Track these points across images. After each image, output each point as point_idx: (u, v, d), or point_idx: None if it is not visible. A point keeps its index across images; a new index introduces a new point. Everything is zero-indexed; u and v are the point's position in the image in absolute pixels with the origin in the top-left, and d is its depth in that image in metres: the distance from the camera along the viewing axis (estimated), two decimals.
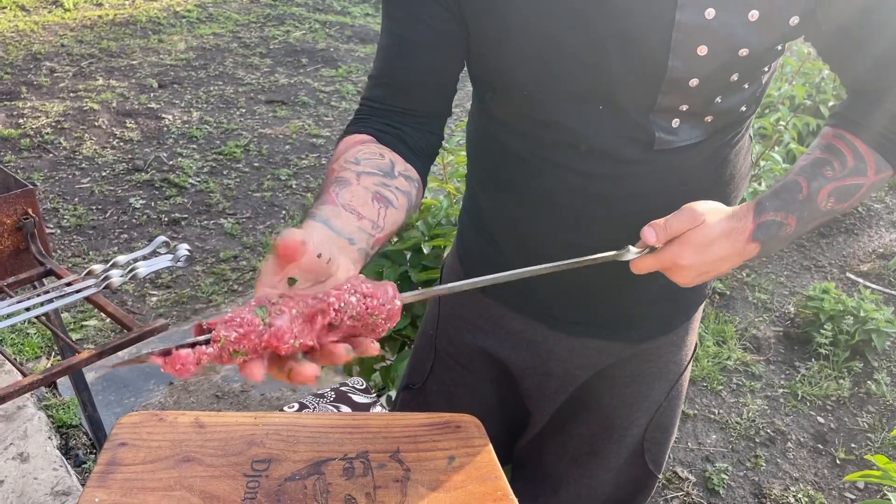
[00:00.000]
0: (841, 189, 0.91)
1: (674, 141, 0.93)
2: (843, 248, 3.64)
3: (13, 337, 2.71)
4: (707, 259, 0.87)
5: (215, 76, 5.47)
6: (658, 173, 0.95)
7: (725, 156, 1.01)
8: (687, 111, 0.91)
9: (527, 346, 1.18)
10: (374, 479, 0.90)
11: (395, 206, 0.87)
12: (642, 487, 1.33)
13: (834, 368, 2.76)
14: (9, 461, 2.07)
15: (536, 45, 0.90)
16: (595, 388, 1.20)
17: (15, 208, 1.57)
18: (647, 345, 1.16)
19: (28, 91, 4.92)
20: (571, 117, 0.93)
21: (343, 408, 1.12)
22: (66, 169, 4.03)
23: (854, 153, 0.91)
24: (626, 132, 0.92)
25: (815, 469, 2.34)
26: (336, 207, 0.80)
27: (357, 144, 0.93)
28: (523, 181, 1.03)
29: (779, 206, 0.90)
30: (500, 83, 0.97)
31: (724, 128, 0.97)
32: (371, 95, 0.99)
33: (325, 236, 0.74)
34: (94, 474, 0.89)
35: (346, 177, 0.86)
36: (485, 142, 1.08)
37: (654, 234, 0.87)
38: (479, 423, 1.00)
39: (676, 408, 1.27)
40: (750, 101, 0.96)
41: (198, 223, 3.61)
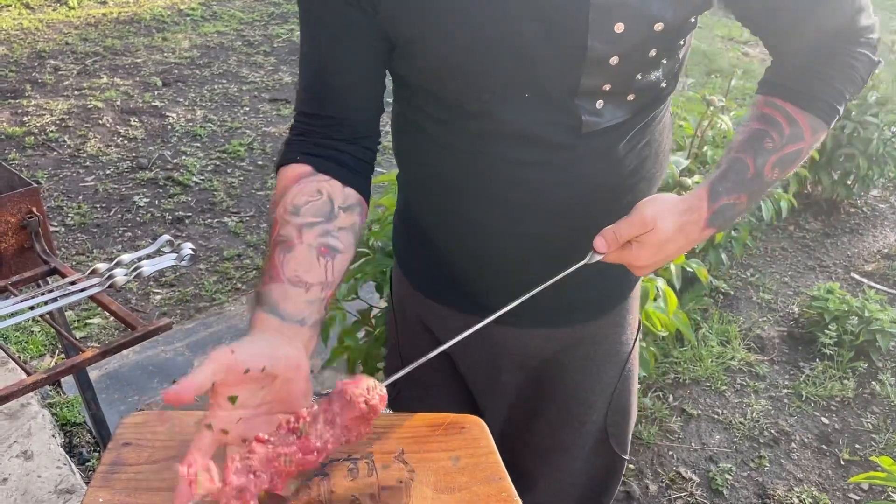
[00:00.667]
0: (783, 158, 0.94)
1: (600, 122, 0.94)
2: (847, 248, 3.63)
3: (17, 335, 2.71)
4: (664, 254, 0.92)
5: (219, 74, 5.47)
6: (588, 156, 0.97)
7: (650, 134, 1.02)
8: (610, 91, 0.92)
9: (477, 344, 1.18)
10: (378, 479, 0.89)
11: (341, 251, 0.91)
12: (612, 472, 1.35)
13: (838, 369, 2.75)
14: (13, 459, 2.07)
15: (459, 37, 0.90)
16: (549, 380, 1.22)
17: (19, 207, 1.57)
18: (590, 327, 1.18)
19: (32, 89, 4.93)
20: (499, 106, 0.93)
21: None
22: (70, 167, 4.03)
23: (788, 119, 0.94)
24: (554, 117, 0.93)
25: (820, 470, 2.34)
26: (283, 286, 0.85)
27: (294, 182, 0.94)
28: (455, 175, 1.03)
29: (730, 188, 0.93)
30: (425, 79, 0.97)
31: (645, 106, 0.98)
32: (303, 109, 0.99)
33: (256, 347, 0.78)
34: (98, 474, 0.89)
35: (288, 235, 0.89)
36: (411, 138, 1.08)
37: (604, 244, 0.91)
38: (483, 424, 1.00)
39: (632, 388, 1.29)
40: (668, 76, 0.97)
41: (201, 221, 3.61)
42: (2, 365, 2.44)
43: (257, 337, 0.81)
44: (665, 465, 2.32)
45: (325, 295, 0.87)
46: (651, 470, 2.30)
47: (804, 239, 3.68)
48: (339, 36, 0.94)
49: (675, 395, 2.62)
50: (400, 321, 1.30)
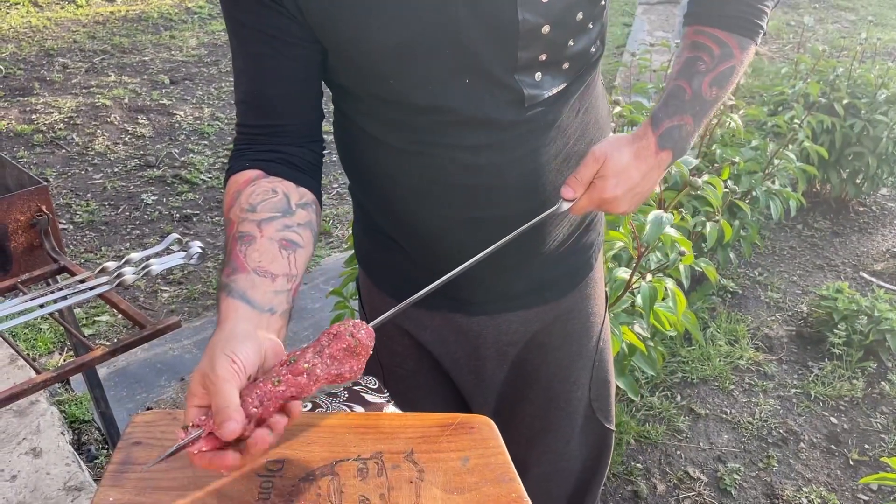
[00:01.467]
0: (718, 76, 1.01)
1: (540, 94, 0.98)
2: (856, 248, 3.61)
3: (26, 332, 2.72)
4: (630, 182, 0.97)
5: (226, 72, 5.48)
6: (536, 129, 1.00)
7: (588, 100, 1.07)
8: (546, 61, 0.96)
9: (455, 339, 1.21)
10: (388, 479, 0.89)
11: (301, 245, 0.90)
12: (604, 446, 1.39)
13: (847, 368, 2.74)
14: (22, 456, 2.08)
15: (394, 33, 0.90)
16: (530, 363, 1.24)
17: (29, 205, 1.58)
18: (562, 303, 1.20)
19: (41, 87, 4.94)
20: (443, 96, 0.95)
21: (356, 407, 1.11)
22: (78, 165, 4.05)
23: (716, 41, 1.01)
24: (497, 96, 0.96)
25: (828, 470, 2.33)
26: (249, 275, 0.84)
27: (247, 184, 0.93)
28: (410, 172, 1.04)
29: (671, 112, 1.00)
30: (363, 80, 0.97)
31: (580, 72, 1.02)
32: (244, 121, 0.99)
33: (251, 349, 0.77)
34: (108, 473, 0.89)
35: (247, 230, 0.88)
36: (357, 144, 1.08)
37: (570, 190, 0.97)
38: (493, 424, 1.00)
39: (608, 359, 1.34)
40: (597, 41, 1.02)
41: (209, 219, 3.62)
42: (11, 362, 2.45)
43: (238, 330, 0.80)
44: (673, 464, 2.32)
45: (290, 286, 0.87)
46: (659, 469, 2.29)
47: (813, 238, 3.67)
48: (270, 44, 0.93)
49: (683, 394, 2.61)
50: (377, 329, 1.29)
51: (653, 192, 1.03)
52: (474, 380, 1.25)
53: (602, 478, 1.43)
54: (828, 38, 4.98)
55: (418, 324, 1.21)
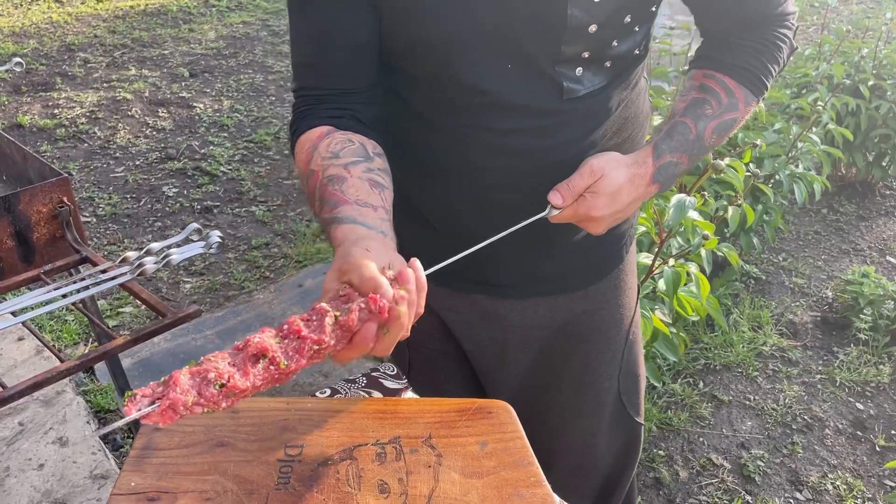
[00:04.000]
0: (721, 125, 1.02)
1: (579, 89, 0.98)
2: (882, 231, 3.55)
3: (52, 323, 2.76)
4: (617, 206, 0.97)
5: (245, 64, 5.50)
6: (572, 122, 1.01)
7: (627, 98, 1.07)
8: (588, 58, 0.96)
9: (480, 321, 1.21)
10: (406, 464, 0.89)
11: (387, 187, 0.92)
12: (633, 439, 1.37)
13: (874, 354, 2.70)
14: (49, 445, 2.11)
15: (445, 8, 0.92)
16: (558, 353, 1.23)
17: (51, 197, 1.59)
18: (590, 293, 1.20)
19: (63, 82, 4.99)
20: (484, 78, 0.96)
21: (375, 393, 1.12)
22: (100, 158, 4.09)
23: (726, 90, 1.02)
24: (537, 85, 0.97)
25: (854, 456, 2.30)
26: (352, 206, 0.85)
27: (321, 139, 0.94)
28: (445, 151, 1.05)
29: (674, 147, 0.99)
30: (411, 52, 0.98)
31: (621, 72, 1.03)
32: (304, 84, 1.00)
33: (371, 239, 0.78)
34: (130, 458, 0.90)
35: (336, 173, 0.89)
36: (400, 118, 1.09)
37: (559, 197, 0.96)
38: (511, 408, 0.99)
39: (638, 352, 1.32)
40: (641, 44, 1.02)
41: (230, 211, 3.64)
42: (37, 353, 2.49)
43: (362, 234, 0.80)
44: (696, 451, 2.30)
45: (390, 219, 0.88)
46: (682, 456, 2.28)
47: (838, 222, 3.61)
48: (337, 5, 0.95)
49: (706, 381, 2.59)
50: None
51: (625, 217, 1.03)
52: (496, 363, 1.25)
53: (631, 471, 1.42)
54: (852, 19, 4.89)
55: (445, 305, 1.21)
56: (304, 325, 0.70)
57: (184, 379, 0.66)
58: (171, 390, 0.65)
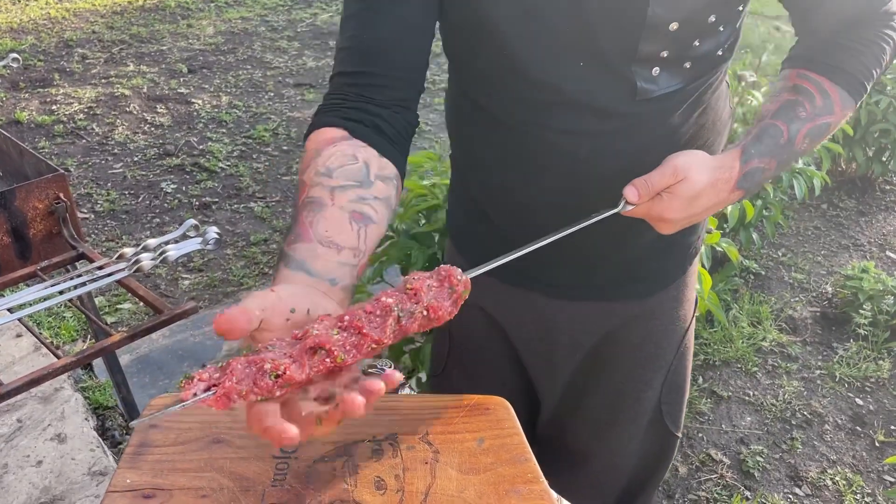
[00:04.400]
0: (814, 129, 0.94)
1: (654, 90, 0.93)
2: (882, 227, 3.54)
3: (50, 320, 2.76)
4: (694, 210, 0.90)
5: (244, 60, 5.49)
6: (643, 125, 0.95)
7: (706, 102, 1.01)
8: (666, 58, 0.91)
9: (532, 319, 1.18)
10: (403, 460, 0.89)
11: (374, 220, 0.82)
12: (666, 450, 1.34)
13: (873, 349, 2.70)
14: (47, 442, 2.11)
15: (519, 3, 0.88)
16: (605, 356, 1.20)
17: (47, 193, 1.59)
18: (647, 302, 1.16)
19: (61, 78, 4.98)
20: (554, 74, 0.92)
21: None
22: (98, 154, 4.08)
23: (820, 91, 0.93)
24: (608, 84, 0.92)
25: (854, 451, 2.30)
26: (312, 245, 0.76)
27: (328, 145, 0.87)
28: (510, 147, 1.02)
29: (763, 151, 0.92)
30: (477, 44, 0.95)
31: (701, 74, 0.97)
32: (342, 69, 0.94)
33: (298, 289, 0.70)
34: (126, 456, 0.89)
35: (318, 196, 0.81)
36: (466, 114, 1.06)
37: (635, 193, 0.88)
38: (509, 405, 0.99)
39: (687, 365, 1.27)
40: (726, 45, 0.96)
41: (228, 207, 3.63)
42: (35, 350, 2.48)
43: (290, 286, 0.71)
44: (695, 447, 2.30)
45: (357, 262, 0.79)
46: (681, 452, 2.28)
47: (838, 217, 3.61)
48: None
49: (705, 376, 2.59)
50: None
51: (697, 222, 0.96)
52: (544, 364, 1.22)
53: (658, 481, 1.39)
54: None
55: (496, 299, 1.18)
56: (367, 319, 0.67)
57: (239, 368, 0.64)
58: (227, 378, 0.63)
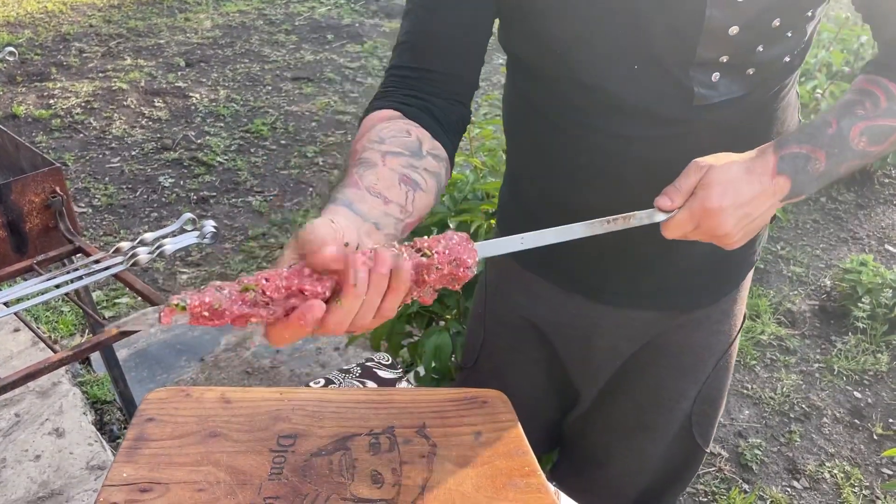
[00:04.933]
0: (874, 128, 0.86)
1: (713, 96, 0.89)
2: (881, 220, 3.54)
3: (48, 315, 2.75)
4: (739, 197, 0.81)
5: (241, 54, 5.47)
6: (700, 132, 0.91)
7: (772, 111, 0.96)
8: (727, 63, 0.87)
9: (572, 321, 1.16)
10: (400, 454, 0.89)
11: (423, 189, 0.81)
12: (690, 462, 1.30)
13: (871, 342, 2.70)
14: (45, 436, 2.11)
15: (570, 2, 0.87)
16: (642, 361, 1.18)
17: (43, 186, 1.58)
18: (695, 314, 1.12)
19: (58, 72, 4.96)
20: (607, 78, 0.90)
21: (369, 383, 1.11)
22: (96, 149, 4.07)
23: (888, 95, 0.87)
24: (664, 89, 0.89)
25: (852, 444, 2.30)
26: (360, 191, 0.75)
27: (382, 121, 0.87)
28: (562, 150, 1.00)
29: (804, 139, 0.85)
30: (534, 46, 0.94)
31: (766, 81, 0.92)
32: (398, 63, 0.94)
33: (349, 221, 0.69)
34: (123, 449, 0.89)
35: (370, 158, 0.80)
36: (521, 113, 1.05)
37: (667, 199, 0.82)
38: (506, 398, 0.99)
39: (725, 380, 1.23)
40: (794, 51, 0.91)
41: (226, 201, 3.63)
42: (33, 344, 2.48)
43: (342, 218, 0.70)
44: None
45: (403, 219, 0.77)
46: None
47: (836, 210, 3.60)
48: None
49: None
50: (491, 293, 1.26)
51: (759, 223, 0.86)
52: (584, 366, 1.21)
53: (678, 493, 1.37)
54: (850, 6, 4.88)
55: (542, 299, 1.16)
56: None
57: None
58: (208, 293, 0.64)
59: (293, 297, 0.62)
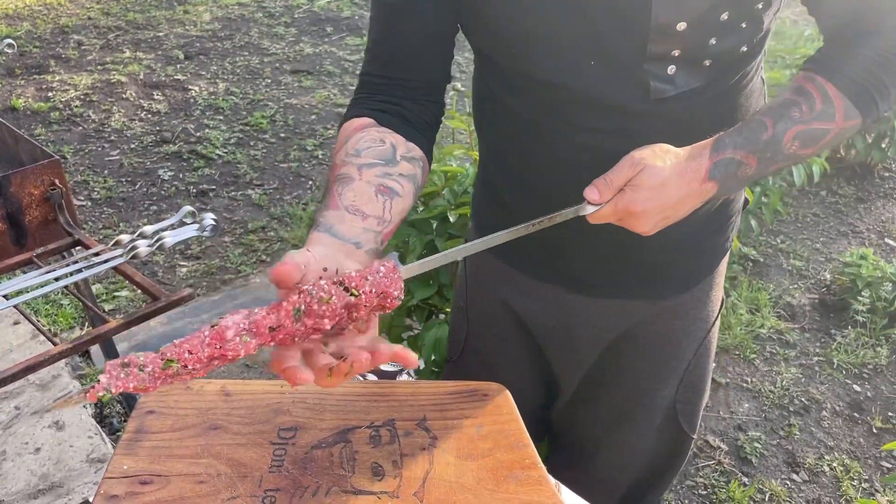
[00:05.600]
0: (807, 133, 0.88)
1: (669, 89, 0.91)
2: (881, 214, 3.54)
3: (47, 308, 2.75)
4: (663, 202, 0.85)
5: (241, 47, 5.45)
6: (665, 124, 0.93)
7: (734, 101, 0.97)
8: (681, 56, 0.89)
9: (552, 312, 1.18)
10: (400, 446, 0.89)
11: (400, 194, 0.87)
12: (678, 450, 1.32)
13: (871, 336, 2.70)
14: (45, 429, 2.11)
15: (522, 4, 0.89)
16: (623, 352, 1.19)
17: (42, 179, 1.58)
18: (671, 301, 1.14)
19: (56, 64, 4.95)
20: (567, 74, 0.91)
21: (369, 376, 1.11)
22: (95, 141, 4.06)
23: (823, 96, 0.88)
24: (622, 84, 0.91)
25: (851, 438, 2.30)
26: (339, 212, 0.81)
27: (357, 131, 0.92)
28: (532, 144, 1.02)
29: (740, 143, 0.87)
30: (495, 46, 0.96)
31: (725, 71, 0.93)
32: (369, 70, 0.99)
33: (328, 248, 0.74)
34: (123, 442, 0.89)
35: (347, 173, 0.86)
36: (490, 108, 1.07)
37: (596, 192, 0.85)
38: (507, 391, 0.99)
39: (706, 366, 1.25)
40: (752, 40, 0.91)
41: (225, 194, 3.62)
42: (33, 337, 2.48)
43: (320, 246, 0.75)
44: None
45: (381, 230, 0.83)
46: None
47: (837, 204, 3.60)
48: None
49: None
50: (471, 285, 1.28)
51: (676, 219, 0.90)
52: (567, 356, 1.22)
53: (669, 482, 1.38)
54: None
55: (520, 291, 1.18)
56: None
57: None
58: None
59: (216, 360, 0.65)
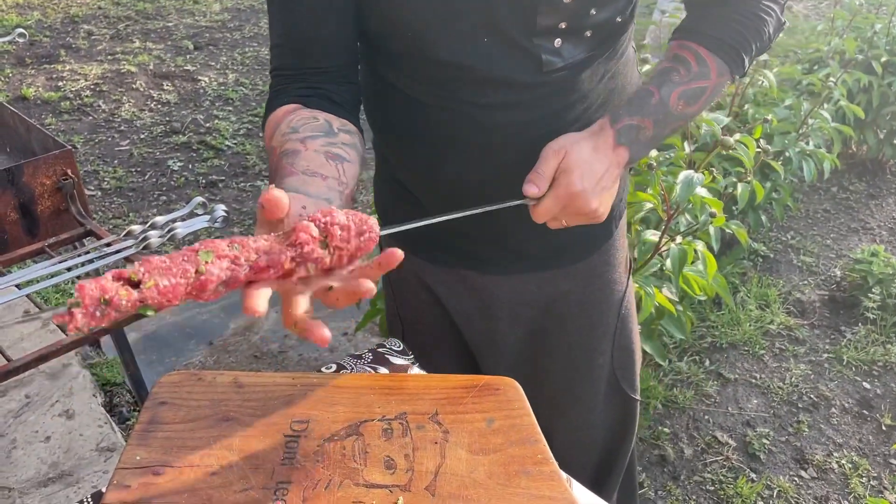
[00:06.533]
0: (688, 92, 0.99)
1: (558, 61, 0.97)
2: (892, 210, 3.52)
3: (58, 297, 2.76)
4: (596, 175, 0.93)
5: (250, 37, 5.45)
6: (555, 94, 1.00)
7: (613, 68, 1.06)
8: (566, 28, 0.95)
9: (469, 297, 1.21)
10: (412, 440, 0.89)
11: (348, 160, 0.88)
12: (628, 416, 1.37)
13: (881, 333, 2.69)
14: (55, 418, 2.12)
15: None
16: (549, 331, 1.23)
17: (54, 169, 1.58)
18: (579, 268, 1.19)
19: (67, 54, 4.96)
20: (460, 53, 0.95)
21: (381, 369, 1.11)
22: (105, 132, 4.07)
23: (697, 59, 0.99)
24: (514, 58, 0.96)
25: (860, 435, 2.30)
26: (299, 176, 0.81)
27: (287, 114, 0.92)
28: (427, 125, 1.04)
29: (633, 111, 0.96)
30: (388, 29, 0.98)
31: (603, 42, 1.02)
32: (279, 64, 0.99)
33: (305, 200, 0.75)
34: (135, 432, 0.89)
35: (292, 148, 0.86)
36: (381, 96, 1.08)
37: (534, 187, 0.92)
38: (518, 385, 0.98)
39: (632, 326, 1.31)
40: (624, 11, 1.00)
41: (235, 185, 3.63)
42: (43, 327, 2.49)
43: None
44: (701, 429, 2.30)
45: (343, 190, 0.83)
46: (686, 434, 2.28)
47: (847, 200, 3.58)
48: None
49: (712, 359, 2.58)
50: (395, 284, 1.31)
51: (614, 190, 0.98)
52: (487, 340, 1.25)
53: (628, 449, 1.42)
54: None
55: (435, 279, 1.22)
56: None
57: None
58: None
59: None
